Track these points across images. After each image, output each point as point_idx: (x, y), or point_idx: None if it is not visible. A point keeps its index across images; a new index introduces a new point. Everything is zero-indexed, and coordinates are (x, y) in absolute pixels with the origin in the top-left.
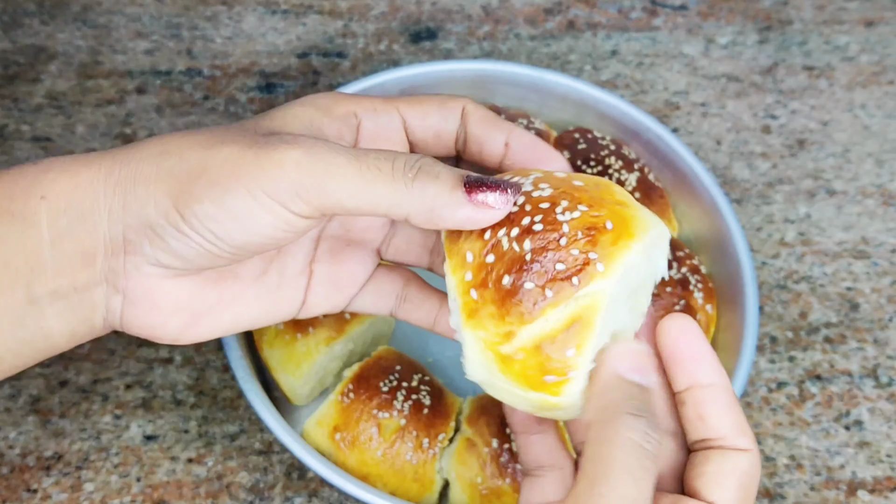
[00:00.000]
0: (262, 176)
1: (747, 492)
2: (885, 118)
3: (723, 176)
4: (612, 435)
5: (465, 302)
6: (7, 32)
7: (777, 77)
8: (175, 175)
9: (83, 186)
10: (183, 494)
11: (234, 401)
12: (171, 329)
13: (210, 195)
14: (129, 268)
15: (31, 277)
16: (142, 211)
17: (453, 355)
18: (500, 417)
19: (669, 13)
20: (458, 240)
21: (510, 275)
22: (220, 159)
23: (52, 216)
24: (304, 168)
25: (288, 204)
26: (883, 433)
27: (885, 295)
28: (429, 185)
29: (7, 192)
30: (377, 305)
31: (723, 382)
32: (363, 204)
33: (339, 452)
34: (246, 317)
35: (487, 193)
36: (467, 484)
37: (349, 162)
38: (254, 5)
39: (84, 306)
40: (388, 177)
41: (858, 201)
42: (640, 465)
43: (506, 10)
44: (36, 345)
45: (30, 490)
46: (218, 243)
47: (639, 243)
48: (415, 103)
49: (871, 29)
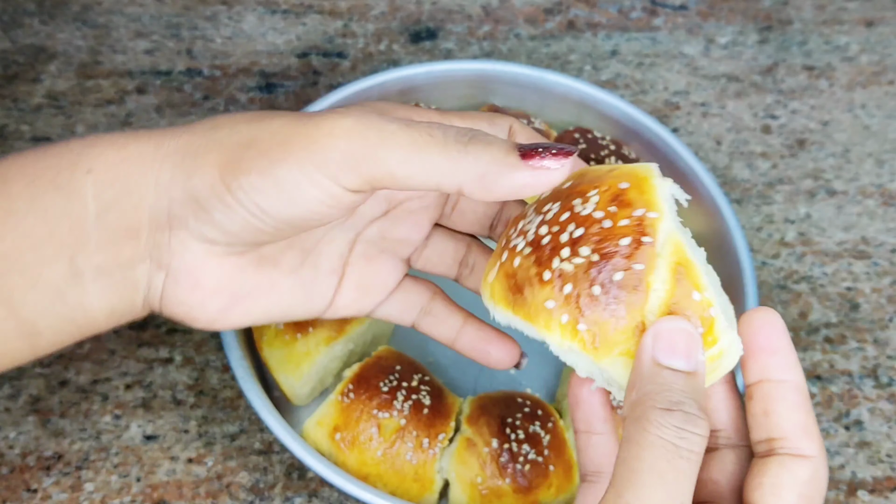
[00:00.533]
0: (312, 147)
1: (805, 500)
2: (885, 118)
3: (723, 176)
4: (639, 434)
5: (580, 341)
6: (7, 32)
7: (777, 77)
8: (224, 146)
9: (131, 160)
10: (183, 494)
11: (234, 401)
12: (210, 310)
13: (257, 166)
14: (173, 244)
15: (75, 250)
16: (188, 182)
17: (453, 355)
18: (501, 417)
19: (669, 13)
20: (525, 302)
21: (596, 283)
22: (271, 131)
23: (98, 189)
24: (356, 135)
25: (337, 176)
26: (883, 433)
27: (885, 295)
28: (483, 152)
29: (53, 165)
30: (401, 315)
31: (796, 380)
32: (415, 173)
33: (339, 452)
34: (278, 307)
35: (544, 157)
36: (467, 484)
37: (401, 129)
38: (254, 5)
39: (126, 283)
40: (440, 143)
41: (858, 201)
42: (672, 467)
43: (506, 10)
44: (76, 321)
45: (30, 490)
46: (263, 217)
47: (656, 178)
48: (467, 120)
49: (871, 29)
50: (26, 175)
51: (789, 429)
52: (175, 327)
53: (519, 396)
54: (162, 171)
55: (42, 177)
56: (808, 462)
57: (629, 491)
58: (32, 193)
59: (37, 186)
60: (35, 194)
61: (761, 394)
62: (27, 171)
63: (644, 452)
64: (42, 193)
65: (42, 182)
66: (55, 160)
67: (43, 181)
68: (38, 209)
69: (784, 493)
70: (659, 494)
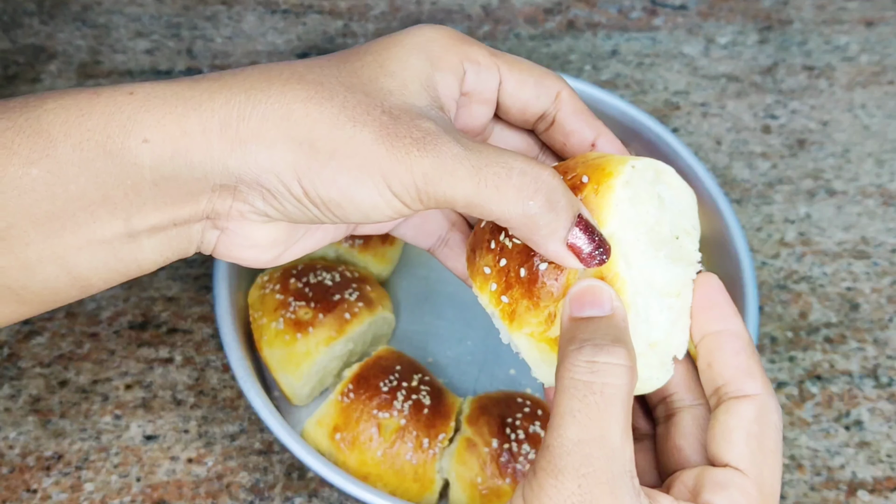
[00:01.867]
0: (391, 176)
1: (762, 439)
2: (885, 118)
3: (723, 176)
4: (557, 383)
5: (501, 310)
6: (7, 32)
7: (777, 77)
8: (303, 149)
9: (193, 135)
10: (183, 494)
11: (234, 401)
12: (263, 260)
13: (338, 184)
14: (233, 212)
15: (130, 212)
16: (262, 175)
17: (453, 355)
18: (501, 417)
19: (669, 13)
20: (474, 261)
21: (524, 266)
22: (352, 147)
23: (156, 161)
24: (430, 179)
25: (408, 203)
26: (883, 433)
27: (885, 295)
28: (545, 215)
29: (101, 125)
30: (417, 239)
31: (733, 328)
32: (474, 212)
33: (339, 452)
34: (324, 240)
35: (589, 247)
36: (467, 484)
37: (470, 176)
38: (254, 5)
39: (181, 238)
40: (504, 196)
41: (858, 201)
42: (584, 404)
43: (506, 10)
44: (129, 273)
45: (30, 490)
46: (332, 217)
47: (620, 178)
48: (514, 68)
49: (871, 29)
50: (71, 135)
51: (730, 374)
52: (175, 327)
53: (519, 396)
54: (231, 156)
55: (90, 139)
56: (751, 400)
57: (549, 435)
58: (82, 157)
59: (85, 150)
60: (85, 158)
61: (705, 348)
62: (72, 129)
63: (559, 396)
64: (93, 158)
65: (91, 145)
66: (103, 120)
67: (92, 144)
68: (90, 174)
69: (733, 436)
70: (572, 432)
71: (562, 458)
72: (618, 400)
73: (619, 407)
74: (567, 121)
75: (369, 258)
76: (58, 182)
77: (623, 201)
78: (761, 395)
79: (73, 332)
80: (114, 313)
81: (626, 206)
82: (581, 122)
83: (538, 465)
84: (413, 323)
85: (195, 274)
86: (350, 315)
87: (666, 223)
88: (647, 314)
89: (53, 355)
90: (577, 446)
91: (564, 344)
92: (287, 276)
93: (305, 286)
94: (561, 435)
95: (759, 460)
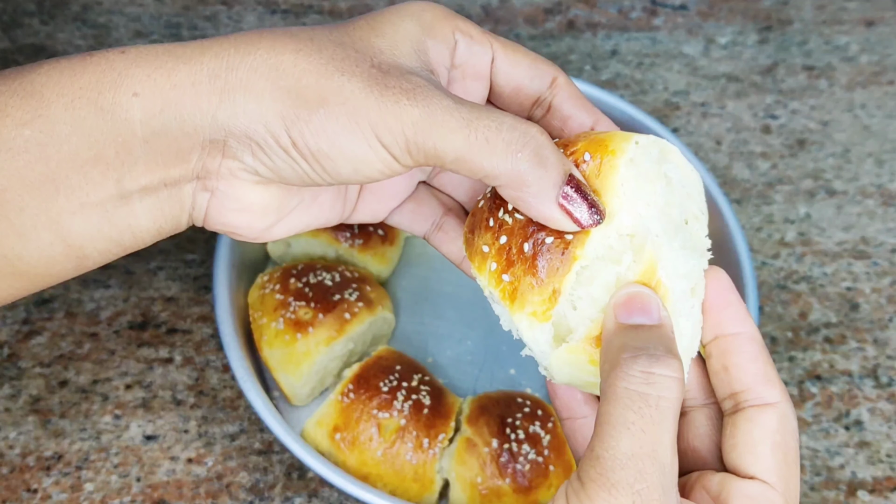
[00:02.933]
0: (380, 126)
1: (786, 449)
2: (885, 118)
3: (723, 176)
4: (609, 389)
5: (501, 290)
6: (7, 32)
7: (777, 77)
8: (291, 98)
9: (182, 87)
10: (183, 494)
11: (234, 401)
12: (256, 228)
13: (328, 131)
14: (223, 170)
15: (122, 172)
16: (251, 125)
17: (453, 355)
18: (501, 417)
19: (669, 13)
20: (472, 241)
21: (527, 241)
22: (342, 95)
23: (146, 115)
24: (419, 128)
25: (397, 155)
26: (883, 433)
27: (885, 295)
28: (534, 171)
29: (93, 83)
30: (413, 225)
31: (749, 331)
32: (463, 169)
33: (339, 452)
34: (318, 219)
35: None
36: (467, 484)
37: (460, 128)
38: (253, 5)
39: (173, 202)
40: (495, 149)
41: (858, 201)
42: (639, 416)
43: (506, 10)
44: (123, 242)
45: (30, 490)
46: (321, 173)
47: (623, 156)
48: (509, 48)
49: (871, 29)
50: (64, 94)
51: (749, 380)
52: (175, 327)
53: (519, 396)
54: (220, 106)
55: (82, 97)
56: (774, 409)
57: (599, 444)
58: (74, 116)
59: (77, 108)
60: (77, 116)
61: (718, 350)
62: (64, 89)
63: (611, 405)
64: (84, 116)
65: (83, 102)
66: (94, 77)
67: (83, 101)
68: (82, 132)
69: (758, 448)
70: (626, 445)
71: (615, 471)
72: (670, 414)
73: (671, 421)
74: (563, 106)
75: (369, 258)
76: (50, 142)
77: (628, 180)
78: (781, 402)
79: (73, 332)
80: (114, 313)
81: (631, 185)
82: (578, 107)
83: (587, 475)
84: (413, 323)
85: (195, 274)
86: (350, 315)
87: (675, 206)
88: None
89: (53, 355)
90: (631, 460)
91: (614, 350)
92: (287, 275)
93: (305, 286)
94: (614, 447)
95: (784, 472)
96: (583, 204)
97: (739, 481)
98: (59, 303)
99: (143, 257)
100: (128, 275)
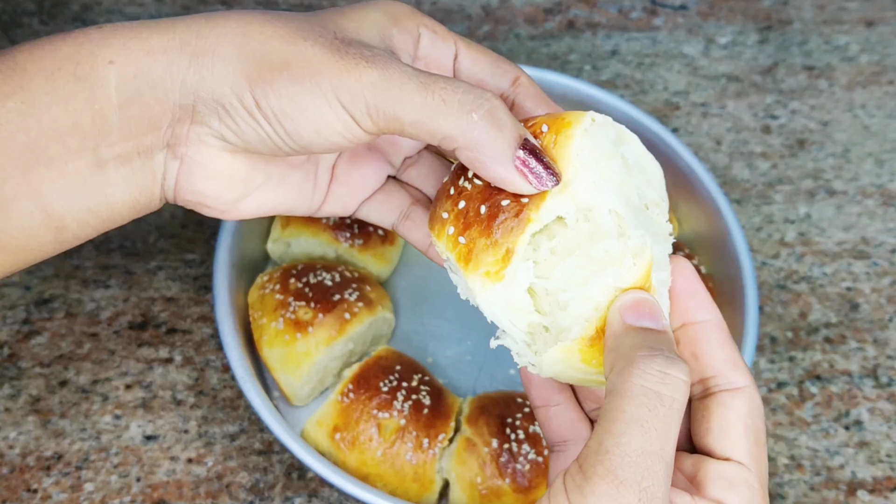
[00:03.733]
0: (340, 87)
1: (756, 432)
2: (885, 118)
3: (723, 176)
4: (622, 385)
5: (457, 252)
6: (7, 32)
7: (777, 77)
8: (256, 61)
9: (155, 54)
10: (183, 494)
11: (234, 401)
12: (223, 200)
13: (290, 92)
14: (191, 136)
15: (98, 140)
16: (218, 87)
17: (453, 355)
18: (500, 417)
19: (669, 13)
20: (435, 211)
21: (485, 203)
22: (304, 58)
23: (121, 81)
24: (378, 89)
25: (357, 118)
26: (883, 433)
27: (884, 295)
28: (489, 132)
29: (71, 55)
30: (381, 216)
31: (715, 318)
32: (422, 132)
33: (339, 452)
34: (286, 200)
35: (537, 167)
36: (467, 484)
37: (418, 90)
38: (253, 5)
39: (146, 172)
40: (451, 110)
41: (858, 201)
42: (653, 415)
43: (506, 10)
44: (101, 214)
45: (30, 490)
46: (285, 137)
47: (577, 127)
48: (472, 47)
49: (871, 29)
50: (45, 67)
51: (719, 366)
52: (175, 327)
53: (519, 396)
54: (189, 71)
55: (62, 68)
56: (743, 393)
57: (609, 438)
58: (53, 86)
59: (57, 78)
60: (56, 86)
61: (687, 337)
62: (45, 63)
63: (626, 401)
64: (63, 85)
65: (62, 73)
66: (73, 49)
67: (63, 72)
68: (61, 101)
69: (733, 431)
70: (637, 441)
71: (624, 468)
72: (679, 416)
73: (678, 422)
74: (526, 104)
75: (369, 258)
76: (31, 113)
77: (583, 150)
78: (749, 386)
79: (73, 332)
80: (114, 313)
81: (586, 156)
82: (541, 105)
83: (592, 469)
84: (413, 323)
85: (195, 274)
86: (350, 315)
87: (634, 188)
88: None
89: (53, 355)
90: (641, 458)
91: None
92: (287, 276)
93: (305, 286)
94: (625, 443)
95: (755, 454)
96: (538, 166)
97: (715, 463)
98: (59, 303)
99: (143, 257)
100: (128, 275)
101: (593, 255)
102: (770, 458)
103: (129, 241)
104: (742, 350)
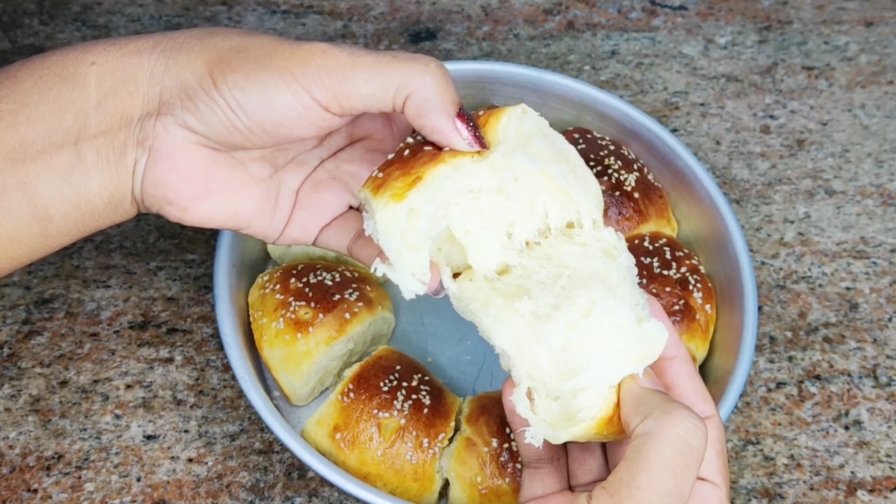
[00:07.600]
0: (293, 59)
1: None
2: (884, 118)
3: (722, 176)
4: (660, 430)
5: (372, 186)
6: (7, 32)
7: (776, 77)
8: (217, 48)
9: (130, 54)
10: (183, 494)
11: (234, 401)
12: (184, 195)
13: (244, 68)
14: (158, 128)
15: (79, 136)
16: (180, 74)
17: (453, 355)
18: (500, 417)
19: (669, 13)
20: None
21: (409, 149)
22: (261, 44)
23: (100, 78)
24: (330, 55)
25: (311, 88)
26: (882, 433)
27: (884, 295)
28: (439, 82)
29: (59, 60)
30: (338, 240)
31: (683, 354)
32: (378, 89)
33: (340, 452)
34: (245, 212)
35: (467, 128)
36: (467, 483)
37: (368, 53)
38: (253, 5)
39: (120, 168)
40: (403, 61)
41: (858, 201)
42: (684, 463)
43: (505, 10)
44: (80, 205)
45: (30, 490)
46: (240, 114)
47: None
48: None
49: (871, 29)
50: (35, 73)
51: (690, 397)
52: (175, 327)
53: None
54: (157, 63)
55: (50, 71)
56: (712, 421)
57: (643, 476)
58: (41, 87)
59: (45, 80)
60: (44, 87)
61: (660, 371)
62: (35, 69)
63: (663, 447)
64: (50, 85)
65: (49, 76)
66: (60, 57)
67: (50, 75)
68: (48, 99)
69: (707, 454)
70: (668, 483)
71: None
72: (700, 466)
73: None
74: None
75: None
76: (21, 111)
77: (510, 128)
78: (715, 415)
79: (73, 332)
80: (114, 313)
81: (512, 133)
82: None
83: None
84: (413, 323)
85: (195, 274)
86: (350, 315)
87: (563, 164)
88: None
89: (53, 355)
90: (667, 498)
91: (659, 400)
92: (287, 275)
93: (305, 286)
94: (657, 483)
95: (724, 475)
96: (470, 129)
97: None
98: (60, 303)
99: (144, 257)
100: (128, 275)
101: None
102: (769, 458)
103: (129, 241)
104: (741, 350)
